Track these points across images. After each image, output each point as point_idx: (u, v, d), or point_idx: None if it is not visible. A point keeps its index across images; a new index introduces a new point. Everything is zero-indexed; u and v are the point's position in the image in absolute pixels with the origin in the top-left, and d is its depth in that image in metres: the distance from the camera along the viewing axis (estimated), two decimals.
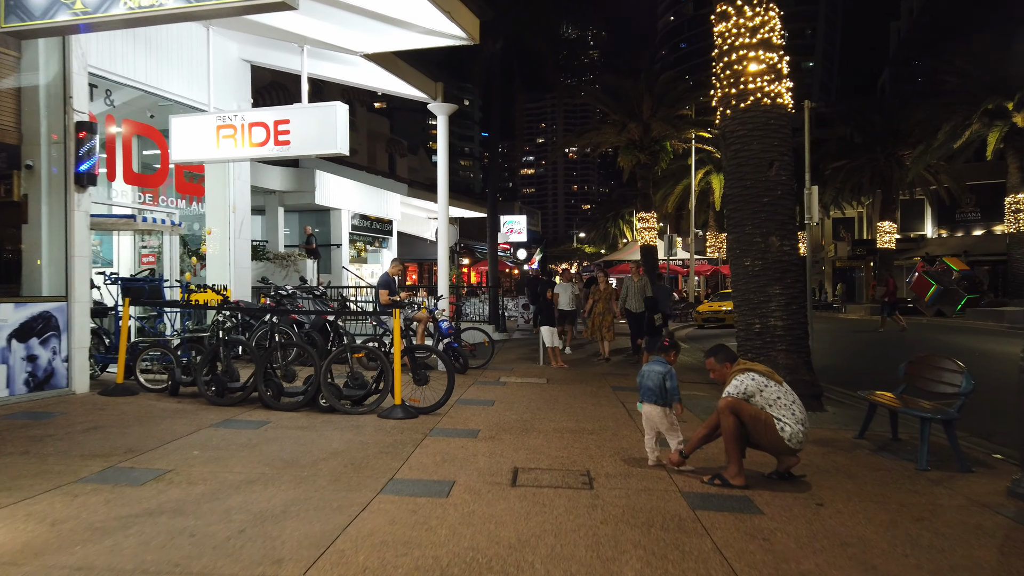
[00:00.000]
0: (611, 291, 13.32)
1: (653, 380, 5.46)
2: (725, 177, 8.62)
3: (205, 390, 7.59)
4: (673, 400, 5.41)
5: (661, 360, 5.55)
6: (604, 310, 13.06)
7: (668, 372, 5.46)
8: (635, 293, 12.93)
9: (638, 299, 12.88)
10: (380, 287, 10.66)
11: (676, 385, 5.43)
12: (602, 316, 13.04)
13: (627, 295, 13.01)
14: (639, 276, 13.19)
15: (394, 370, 7.11)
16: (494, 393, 9.00)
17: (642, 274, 13.37)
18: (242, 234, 12.39)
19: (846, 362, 13.99)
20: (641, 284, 13.00)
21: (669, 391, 5.40)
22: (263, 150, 9.44)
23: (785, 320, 8.00)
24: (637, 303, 12.89)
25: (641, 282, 13.03)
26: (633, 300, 12.94)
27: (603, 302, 13.09)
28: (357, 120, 30.54)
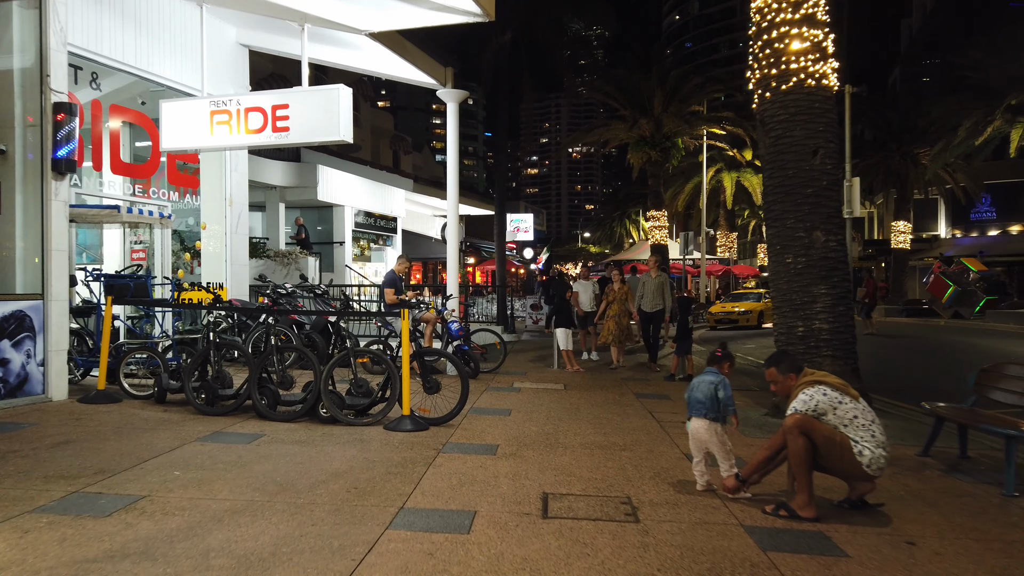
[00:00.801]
0: (627, 291, 11.93)
1: (703, 391, 4.76)
2: (763, 166, 7.89)
3: (193, 398, 6.88)
4: (727, 414, 4.71)
5: (713, 372, 4.85)
6: (620, 312, 11.84)
7: (721, 382, 4.76)
8: (652, 292, 11.58)
9: (654, 298, 11.56)
10: (385, 286, 9.96)
11: (731, 396, 4.73)
12: (617, 319, 11.83)
13: (642, 294, 11.66)
14: (657, 273, 11.76)
15: (402, 377, 6.40)
16: (510, 401, 8.29)
17: (659, 270, 11.94)
18: (239, 229, 11.69)
19: (879, 368, 13.26)
20: (659, 282, 11.57)
21: (722, 403, 4.70)
22: (260, 137, 8.74)
23: (831, 323, 7.27)
24: (653, 302, 11.58)
25: (659, 279, 11.59)
26: (649, 299, 11.60)
27: (619, 303, 11.85)
28: (361, 116, 29.85)
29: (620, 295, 11.85)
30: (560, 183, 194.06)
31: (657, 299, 11.57)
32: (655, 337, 11.89)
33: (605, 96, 27.84)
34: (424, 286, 25.81)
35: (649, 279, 11.73)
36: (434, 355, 7.93)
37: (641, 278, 11.89)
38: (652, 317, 11.76)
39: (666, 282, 11.67)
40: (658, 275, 11.75)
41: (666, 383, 10.26)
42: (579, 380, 10.27)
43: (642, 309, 11.73)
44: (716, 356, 4.96)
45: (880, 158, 34.08)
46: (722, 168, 34.90)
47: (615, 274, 12.46)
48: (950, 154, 27.14)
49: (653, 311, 11.69)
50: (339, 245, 21.25)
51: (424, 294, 20.74)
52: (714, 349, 5.05)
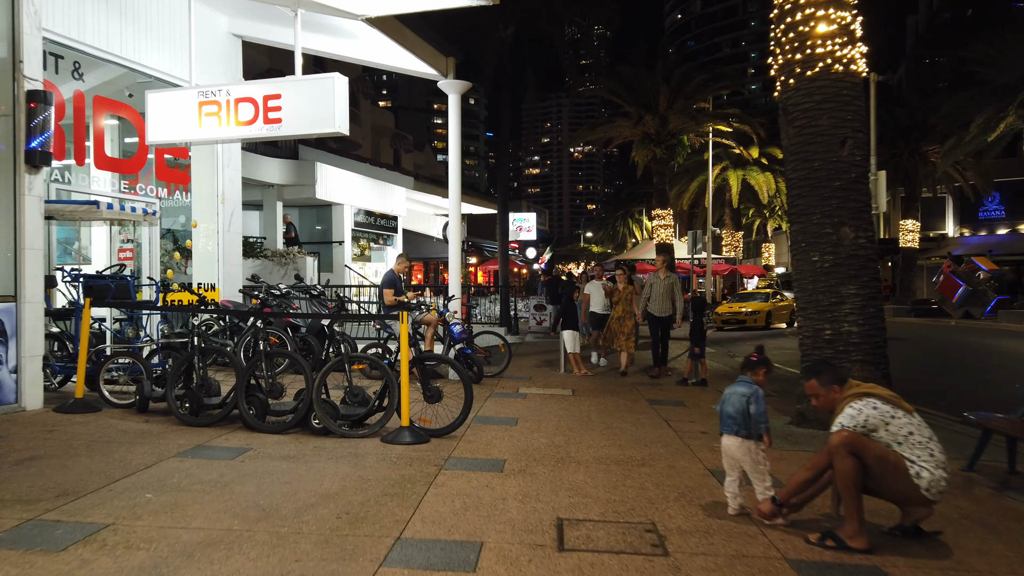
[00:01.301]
0: (632, 292, 11.18)
1: (734, 404, 4.28)
2: (786, 158, 7.39)
3: (176, 407, 6.39)
4: (760, 430, 4.22)
5: (746, 380, 4.36)
6: (624, 314, 11.04)
7: (753, 394, 4.27)
8: (661, 294, 10.74)
9: (664, 301, 10.71)
10: (384, 286, 9.48)
11: (764, 410, 4.24)
12: (621, 321, 11.05)
13: (650, 295, 10.83)
14: (666, 273, 10.96)
15: (401, 385, 5.92)
16: (515, 408, 7.80)
17: (668, 270, 11.08)
18: (232, 227, 11.21)
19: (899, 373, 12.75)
20: (669, 283, 10.78)
21: (754, 418, 4.21)
22: (251, 129, 8.26)
23: (861, 325, 6.77)
24: (662, 306, 10.72)
25: (669, 281, 10.80)
26: (658, 303, 10.74)
27: (623, 304, 11.07)
28: (361, 114, 29.40)
29: (625, 295, 11.11)
30: (562, 183, 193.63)
31: (667, 302, 10.73)
32: (664, 343, 11.03)
33: (609, 93, 27.39)
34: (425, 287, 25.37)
35: (658, 280, 10.85)
36: (435, 360, 7.42)
37: (649, 279, 11.05)
38: (662, 322, 10.84)
39: (676, 283, 10.85)
40: (667, 276, 10.92)
41: (679, 388, 9.77)
42: (588, 385, 9.78)
43: (650, 313, 10.83)
44: (751, 361, 4.47)
45: (888, 155, 33.51)
46: (727, 166, 34.40)
47: (619, 273, 11.57)
48: (961, 151, 26.60)
49: (663, 315, 10.80)
50: (338, 245, 20.77)
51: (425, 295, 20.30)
52: (749, 353, 4.55)
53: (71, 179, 9.45)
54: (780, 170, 34.21)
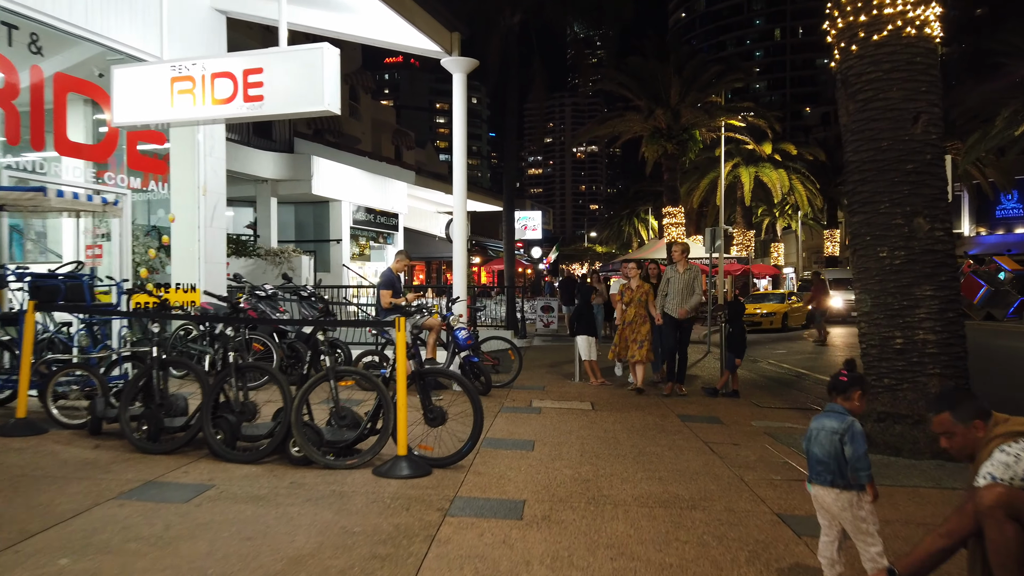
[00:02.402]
0: (648, 291, 9.27)
1: (823, 445, 3.25)
2: (847, 138, 6.37)
3: (131, 431, 5.39)
4: (861, 479, 3.18)
5: (837, 410, 3.32)
6: (637, 317, 9.21)
7: (848, 430, 3.22)
8: (680, 290, 8.96)
9: (684, 299, 8.92)
10: (381, 287, 8.48)
11: (864, 452, 3.20)
12: (634, 326, 9.24)
13: (667, 292, 9.07)
14: (686, 265, 9.13)
15: (397, 405, 4.91)
16: (530, 427, 6.79)
17: (687, 261, 9.22)
18: (215, 222, 10.22)
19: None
20: (689, 277, 9.00)
21: (851, 462, 3.17)
22: (229, 108, 7.26)
23: (939, 333, 5.76)
24: (681, 305, 8.94)
25: (689, 274, 9.01)
26: (677, 300, 8.94)
27: (636, 306, 9.26)
28: (361, 108, 28.43)
29: (639, 295, 9.28)
30: (564, 183, 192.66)
31: (688, 299, 8.97)
32: (683, 353, 9.16)
33: (619, 86, 26.39)
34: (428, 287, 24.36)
35: (676, 274, 9.05)
36: (439, 375, 6.34)
37: (666, 272, 9.34)
38: (681, 324, 9.09)
39: (699, 278, 9.14)
40: (688, 268, 9.08)
41: (709, 400, 8.76)
42: (608, 397, 8.76)
43: (667, 313, 9.08)
44: (840, 382, 3.41)
45: None
46: (739, 163, 33.35)
47: (630, 267, 9.72)
48: (984, 145, 25.56)
49: (681, 317, 9.06)
50: (336, 243, 19.79)
51: (428, 296, 19.27)
52: (838, 371, 3.51)
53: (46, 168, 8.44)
54: (794, 167, 33.20)
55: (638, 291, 9.31)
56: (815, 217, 40.72)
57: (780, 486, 4.86)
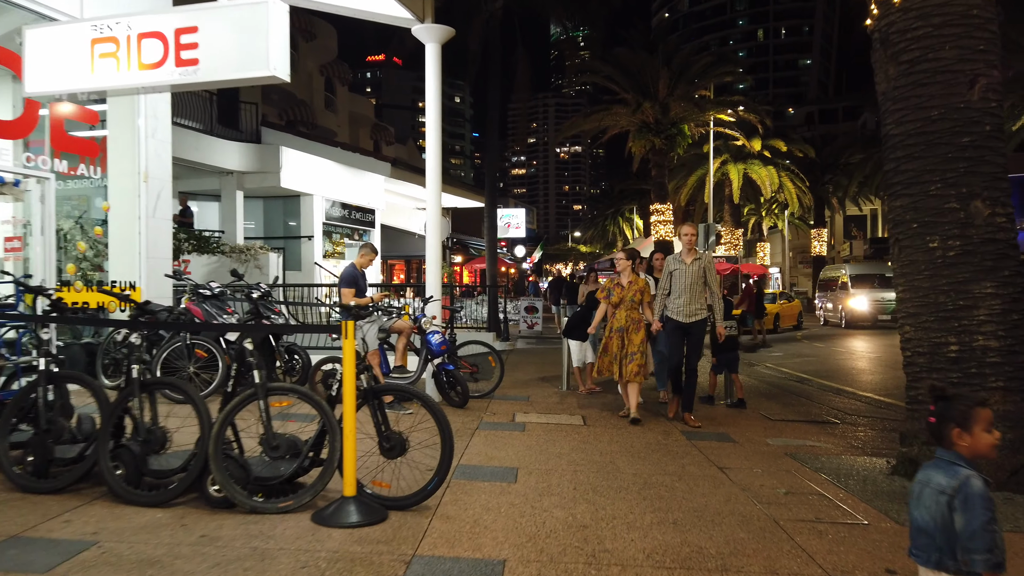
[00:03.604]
0: (644, 288, 7.20)
1: (929, 508, 2.23)
2: (886, 108, 5.39)
3: (8, 464, 4.28)
4: (975, 564, 2.15)
5: (946, 460, 2.30)
6: (629, 323, 7.07)
7: (960, 489, 2.18)
8: (688, 285, 6.88)
9: (694, 297, 6.89)
10: (342, 285, 7.41)
11: (982, 524, 2.15)
12: (624, 335, 7.06)
13: (669, 288, 6.99)
14: (696, 253, 7.03)
15: (344, 433, 3.86)
16: (513, 448, 5.75)
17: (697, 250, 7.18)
18: (159, 212, 9.08)
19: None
20: (699, 268, 6.91)
21: (964, 538, 2.15)
22: (158, 74, 6.17)
23: (1002, 339, 4.79)
24: (692, 306, 6.88)
25: (699, 264, 6.93)
26: (687, 300, 6.88)
27: (627, 307, 7.11)
28: (337, 100, 27.24)
29: (631, 293, 7.13)
30: (548, 183, 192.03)
31: (697, 299, 6.88)
32: (691, 366, 7.02)
33: (605, 79, 25.43)
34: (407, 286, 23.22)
35: (682, 266, 6.93)
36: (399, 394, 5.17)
37: (669, 264, 7.10)
38: (691, 330, 6.94)
39: (711, 267, 7.03)
40: (696, 257, 7.00)
41: (714, 411, 7.79)
42: (600, 409, 7.74)
43: (669, 317, 6.96)
44: (932, 425, 2.38)
45: None
46: (727, 160, 32.55)
47: (619, 257, 7.49)
48: None
49: (692, 320, 6.90)
50: (307, 240, 18.64)
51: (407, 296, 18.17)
52: (926, 406, 2.45)
53: None
54: (783, 164, 32.45)
55: (630, 288, 7.11)
56: (801, 216, 40.09)
57: (828, 534, 3.87)
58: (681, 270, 6.98)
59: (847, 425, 7.38)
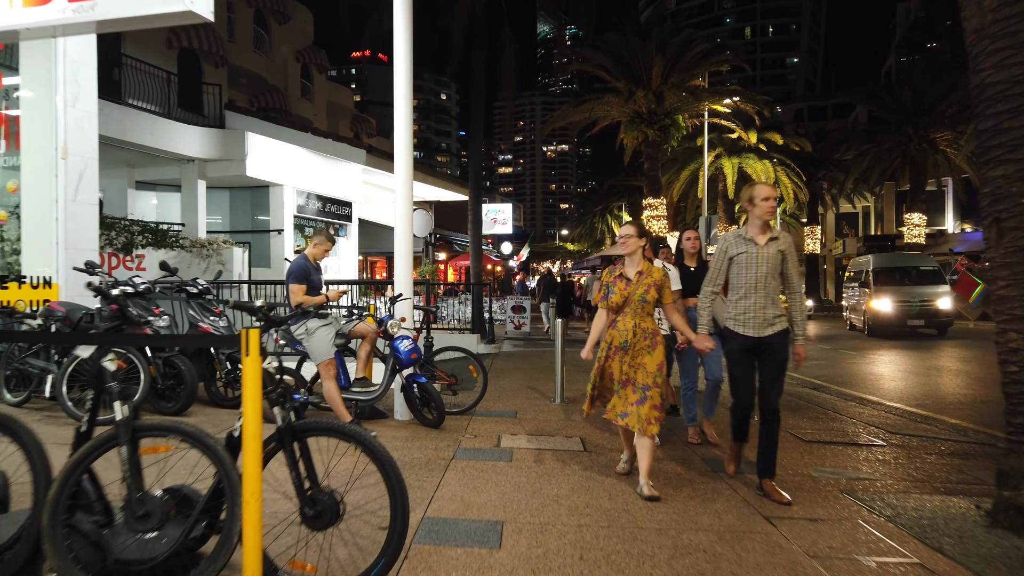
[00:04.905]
0: (662, 282, 4.60)
1: None
2: (980, 50, 4.16)
3: None
4: None
5: None
6: (639, 336, 4.53)
7: None
8: (764, 278, 4.40)
9: (766, 295, 4.41)
10: (290, 279, 6.10)
11: None
12: (631, 356, 4.52)
13: (733, 283, 4.52)
14: (768, 234, 4.45)
15: (244, 496, 2.57)
16: (497, 489, 4.48)
17: (771, 229, 4.51)
18: (81, 196, 7.73)
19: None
20: (776, 253, 4.41)
21: None
22: (47, 11, 4.89)
23: None
24: (767, 310, 4.41)
25: (777, 247, 4.42)
26: (758, 300, 4.41)
27: (635, 312, 4.56)
28: (314, 88, 25.84)
29: (642, 291, 4.56)
30: (535, 181, 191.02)
31: (777, 300, 4.47)
32: (771, 404, 4.43)
33: (595, 67, 24.24)
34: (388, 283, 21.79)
35: (751, 248, 4.43)
36: (327, 433, 2.96)
37: (728, 245, 4.55)
38: (766, 348, 4.44)
39: (792, 253, 4.50)
40: (773, 236, 4.46)
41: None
42: (601, 427, 6.49)
43: (733, 330, 4.49)
44: None
45: (894, 143, 30.86)
46: (721, 154, 31.45)
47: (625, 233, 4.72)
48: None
49: (769, 333, 4.41)
50: (277, 234, 17.26)
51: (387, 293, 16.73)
52: None
53: None
54: (779, 158, 31.39)
55: (640, 283, 4.56)
56: (794, 213, 39.13)
57: None
58: (750, 255, 4.38)
59: (895, 447, 6.17)
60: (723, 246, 4.58)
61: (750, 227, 4.51)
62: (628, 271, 4.69)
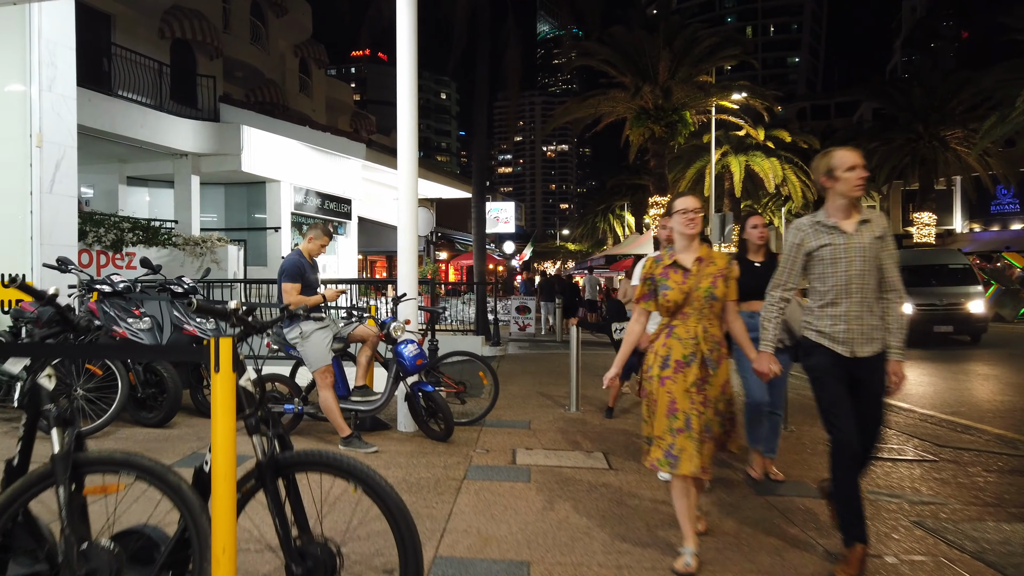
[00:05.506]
0: (729, 274, 3.37)
1: None
2: None
3: None
4: None
5: None
6: (707, 346, 3.27)
7: None
8: (861, 275, 3.17)
9: (868, 299, 3.19)
10: (283, 278, 5.52)
11: None
12: (695, 371, 3.23)
13: (819, 282, 3.28)
14: (857, 215, 3.23)
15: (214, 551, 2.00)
16: (516, 517, 3.90)
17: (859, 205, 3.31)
18: (58, 188, 7.15)
19: None
20: (875, 244, 3.20)
21: None
22: None
23: None
24: (865, 319, 3.18)
25: (874, 235, 3.20)
26: (852, 307, 3.19)
27: (698, 315, 3.29)
28: (312, 83, 25.27)
29: (707, 283, 3.30)
30: (535, 181, 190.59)
31: (876, 306, 3.23)
32: (872, 441, 3.30)
33: (600, 62, 23.64)
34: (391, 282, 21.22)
35: (840, 237, 3.23)
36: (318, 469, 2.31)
37: (804, 235, 3.32)
38: (863, 373, 3.23)
39: (890, 240, 3.25)
40: (864, 219, 3.24)
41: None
42: (623, 439, 5.92)
43: (821, 344, 3.25)
44: None
45: (904, 140, 30.28)
46: (728, 151, 30.89)
47: (684, 207, 3.38)
48: (1001, 131, 23.27)
49: (867, 354, 3.22)
50: (274, 232, 16.70)
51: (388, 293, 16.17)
52: None
53: None
54: (786, 155, 30.84)
55: (703, 273, 3.34)
56: (798, 213, 38.61)
57: None
58: (836, 247, 3.23)
59: (947, 463, 5.58)
60: (796, 238, 3.37)
61: (831, 209, 3.31)
62: (683, 258, 3.38)
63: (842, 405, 3.21)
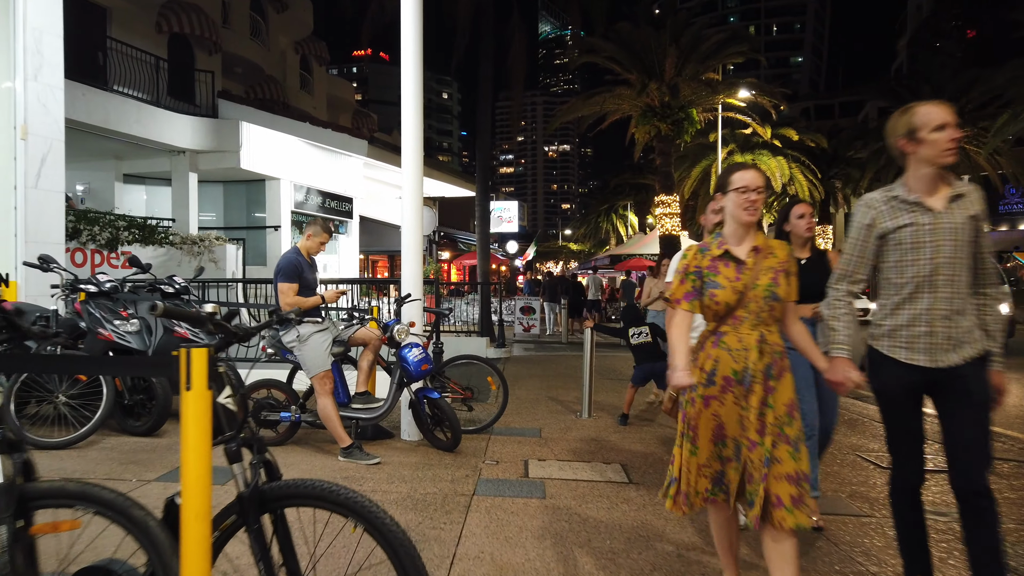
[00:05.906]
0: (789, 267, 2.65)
1: None
2: None
3: None
4: None
5: None
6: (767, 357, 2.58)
7: None
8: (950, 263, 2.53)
9: (959, 293, 2.54)
10: (280, 277, 5.16)
11: None
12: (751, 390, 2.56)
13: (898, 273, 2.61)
14: (947, 189, 2.57)
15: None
16: (532, 541, 3.54)
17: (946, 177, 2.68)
18: (44, 183, 6.80)
19: None
20: (969, 224, 2.54)
21: None
22: None
23: None
24: (957, 320, 2.55)
25: (966, 214, 2.54)
26: (940, 302, 2.54)
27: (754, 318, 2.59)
28: (313, 80, 24.90)
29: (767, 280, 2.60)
30: (536, 181, 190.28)
31: (967, 302, 2.59)
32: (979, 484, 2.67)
33: (606, 59, 23.22)
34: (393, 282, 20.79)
35: (925, 217, 2.55)
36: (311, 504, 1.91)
37: (878, 212, 2.63)
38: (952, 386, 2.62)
39: (985, 219, 2.60)
40: (956, 193, 2.57)
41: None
42: (642, 448, 5.56)
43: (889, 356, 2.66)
44: None
45: None
46: (734, 150, 30.49)
47: (743, 184, 2.59)
48: (1012, 128, 22.89)
49: (957, 362, 2.59)
50: (273, 231, 16.36)
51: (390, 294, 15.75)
52: None
53: None
54: (793, 154, 30.45)
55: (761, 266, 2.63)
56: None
57: None
58: (920, 228, 2.58)
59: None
60: (867, 217, 2.66)
61: (912, 181, 2.60)
62: (736, 249, 2.65)
63: (909, 439, 2.72)
